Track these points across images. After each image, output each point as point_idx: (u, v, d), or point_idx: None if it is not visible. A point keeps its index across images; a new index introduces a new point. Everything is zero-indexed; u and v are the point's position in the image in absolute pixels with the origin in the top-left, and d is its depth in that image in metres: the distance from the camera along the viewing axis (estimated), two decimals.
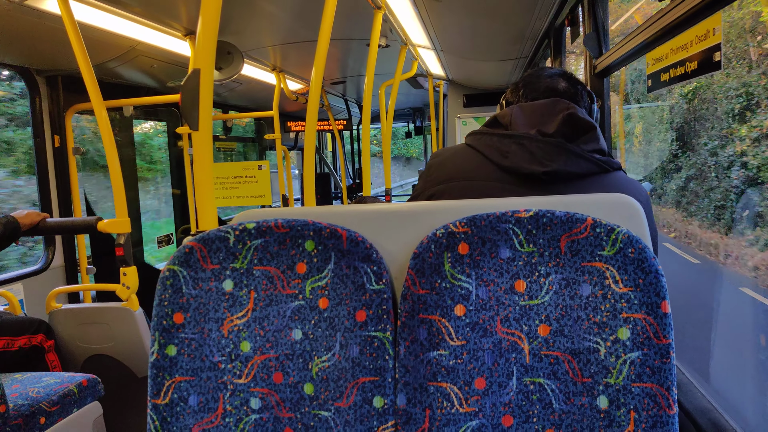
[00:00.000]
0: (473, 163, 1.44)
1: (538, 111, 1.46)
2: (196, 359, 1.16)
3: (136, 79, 4.43)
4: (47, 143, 3.77)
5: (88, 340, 3.04)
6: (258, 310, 1.17)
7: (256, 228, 1.16)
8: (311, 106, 2.33)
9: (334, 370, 1.13)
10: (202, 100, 1.69)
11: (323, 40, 2.24)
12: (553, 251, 1.07)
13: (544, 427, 1.06)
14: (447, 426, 1.07)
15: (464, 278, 1.09)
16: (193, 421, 1.15)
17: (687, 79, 1.75)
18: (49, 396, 2.29)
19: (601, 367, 1.04)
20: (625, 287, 1.03)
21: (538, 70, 1.61)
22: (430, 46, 4.78)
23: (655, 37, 1.89)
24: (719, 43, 1.54)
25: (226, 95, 5.79)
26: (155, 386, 1.15)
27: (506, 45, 4.80)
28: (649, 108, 9.00)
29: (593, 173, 1.36)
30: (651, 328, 1.02)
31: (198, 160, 1.75)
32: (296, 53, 4.49)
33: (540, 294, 1.08)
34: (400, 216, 1.21)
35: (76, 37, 2.61)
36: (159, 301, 1.16)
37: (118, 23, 3.14)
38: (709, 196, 6.61)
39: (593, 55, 2.80)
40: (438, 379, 1.08)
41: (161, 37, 3.53)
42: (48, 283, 3.67)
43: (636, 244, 1.03)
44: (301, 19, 3.56)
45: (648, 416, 1.01)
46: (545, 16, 3.75)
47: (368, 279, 1.13)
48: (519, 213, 1.08)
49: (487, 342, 1.08)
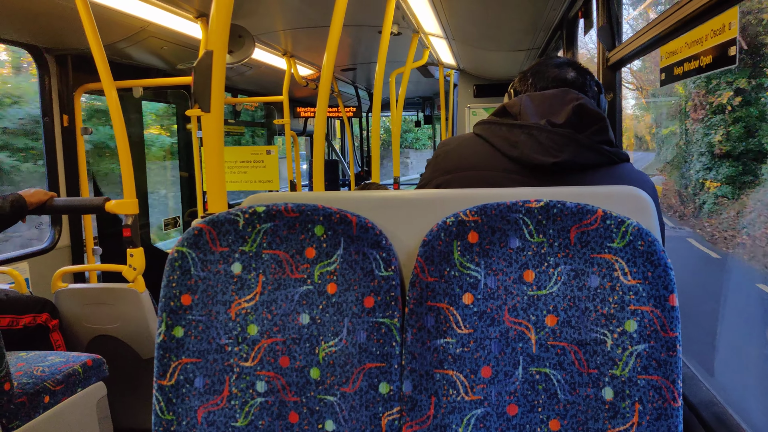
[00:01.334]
0: (481, 153, 1.43)
1: (548, 101, 1.44)
2: (202, 341, 1.16)
3: (145, 61, 4.42)
4: (56, 122, 3.77)
5: (94, 321, 3.05)
6: (266, 294, 1.17)
7: (265, 212, 1.16)
8: (322, 92, 2.32)
9: (340, 356, 1.13)
10: (214, 82, 1.69)
11: (336, 25, 2.23)
12: (563, 242, 1.07)
13: (548, 417, 1.06)
14: (452, 413, 1.07)
15: (473, 267, 1.09)
16: (199, 402, 1.15)
17: (701, 74, 1.74)
18: (54, 375, 2.29)
19: (607, 358, 1.04)
20: (634, 279, 1.03)
21: (546, 59, 1.60)
22: (441, 35, 4.76)
23: (670, 31, 1.88)
24: (735, 37, 1.53)
25: (236, 79, 5.78)
26: (161, 367, 1.15)
27: (518, 35, 4.78)
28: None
29: (602, 165, 1.36)
30: (658, 321, 1.01)
31: (208, 143, 1.75)
32: (307, 38, 4.48)
33: (548, 284, 1.08)
34: (410, 203, 1.21)
35: (87, 16, 2.61)
36: (167, 282, 1.16)
37: (129, 3, 3.14)
38: None
39: (606, 47, 2.79)
40: (444, 366, 1.08)
41: (172, 19, 3.52)
42: (54, 263, 3.68)
43: (645, 236, 1.02)
44: (314, 3, 3.55)
45: (652, 408, 1.01)
46: (559, 7, 3.73)
47: (377, 265, 1.13)
48: (530, 203, 1.08)
49: (494, 331, 1.08)
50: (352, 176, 7.42)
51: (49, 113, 3.75)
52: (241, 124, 6.98)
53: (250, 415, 1.15)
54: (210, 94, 1.69)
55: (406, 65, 4.28)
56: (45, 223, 4.13)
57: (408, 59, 4.24)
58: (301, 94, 7.73)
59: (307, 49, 4.96)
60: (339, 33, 2.25)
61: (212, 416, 1.15)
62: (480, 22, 4.35)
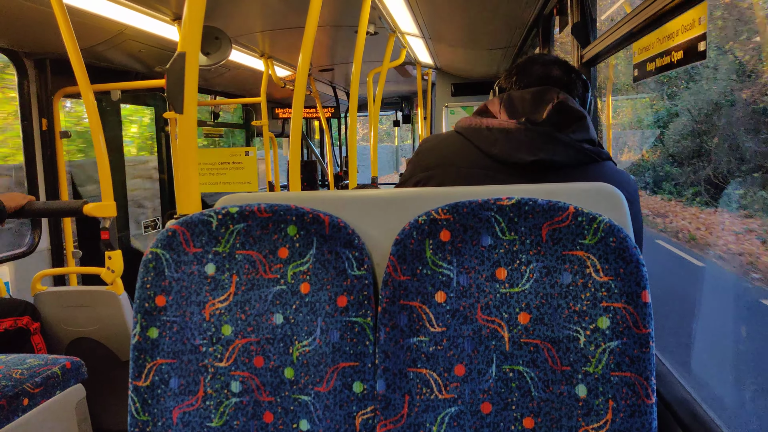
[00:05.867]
0: (462, 151, 1.43)
1: (528, 99, 1.45)
2: (177, 342, 1.16)
3: (124, 63, 4.41)
4: (35, 126, 3.75)
5: (73, 323, 3.03)
6: (240, 294, 1.17)
7: (239, 212, 1.17)
8: (298, 93, 2.33)
9: (314, 355, 1.14)
10: (187, 83, 1.69)
11: (311, 26, 2.24)
12: (535, 239, 1.07)
13: (522, 414, 1.06)
14: (426, 412, 1.08)
15: (445, 265, 1.10)
16: (174, 403, 1.15)
17: (672, 69, 1.77)
18: (33, 378, 2.28)
19: (580, 355, 1.04)
20: (606, 276, 1.03)
21: (533, 56, 1.60)
22: (418, 34, 4.78)
23: (642, 27, 1.90)
24: (704, 32, 1.56)
25: (214, 81, 5.76)
26: (137, 368, 1.16)
27: (495, 34, 4.80)
28: None
29: (582, 163, 1.36)
30: (631, 318, 1.02)
31: (182, 144, 1.75)
32: (285, 39, 4.48)
33: (521, 282, 1.08)
34: (383, 202, 1.21)
35: (64, 20, 2.60)
36: (141, 284, 1.17)
37: (106, 7, 3.13)
38: None
39: (581, 44, 2.82)
40: (418, 365, 1.09)
41: (150, 22, 3.51)
42: (34, 266, 3.66)
43: (618, 233, 1.03)
44: (291, 4, 3.55)
45: (626, 405, 1.01)
46: (534, 5, 3.76)
47: (350, 264, 1.13)
48: (501, 201, 1.08)
49: (467, 329, 1.09)
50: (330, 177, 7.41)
51: (27, 117, 3.72)
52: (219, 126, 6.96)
53: (225, 415, 1.15)
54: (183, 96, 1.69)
55: (383, 65, 4.28)
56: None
57: (385, 59, 4.24)
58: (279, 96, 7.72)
59: (284, 50, 4.96)
60: (314, 33, 2.26)
61: (187, 417, 1.15)
62: (456, 21, 4.37)
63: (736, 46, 11.40)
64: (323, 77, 7.01)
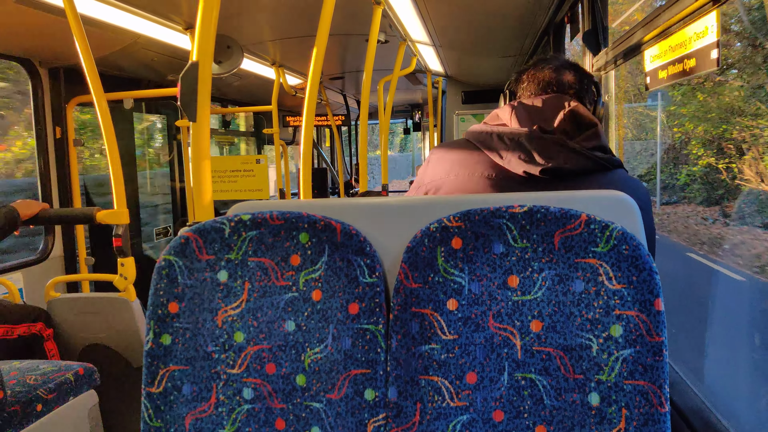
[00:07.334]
0: (472, 159, 1.43)
1: (540, 107, 1.44)
2: (190, 349, 1.16)
3: (137, 72, 4.44)
4: (48, 134, 3.79)
5: (86, 330, 3.05)
6: (252, 301, 1.17)
7: (251, 219, 1.17)
8: (309, 101, 2.34)
9: (326, 362, 1.14)
10: (200, 92, 1.70)
11: (322, 35, 2.25)
12: (547, 247, 1.07)
13: (534, 422, 1.06)
14: (438, 420, 1.07)
15: (457, 273, 1.10)
16: (187, 410, 1.15)
17: (685, 77, 1.76)
18: (46, 384, 2.30)
19: (593, 363, 1.04)
20: (619, 284, 1.03)
21: (544, 58, 1.59)
22: (429, 42, 4.79)
23: (654, 35, 1.90)
24: (717, 40, 1.55)
25: (226, 89, 5.79)
26: (149, 375, 1.16)
27: (506, 41, 4.81)
28: None
29: (593, 171, 1.34)
30: (644, 326, 1.01)
31: (195, 152, 1.76)
32: (296, 48, 4.50)
33: (533, 290, 1.07)
34: (395, 210, 1.21)
35: (78, 30, 2.63)
36: (154, 291, 1.17)
37: (120, 16, 3.16)
38: None
39: (592, 52, 2.82)
40: (429, 372, 1.09)
41: (162, 31, 3.55)
42: (47, 273, 3.69)
43: (630, 241, 1.02)
44: (302, 13, 3.57)
45: (639, 414, 1.01)
46: (545, 13, 3.76)
47: (361, 272, 1.13)
48: (513, 208, 1.08)
49: (479, 337, 1.09)
50: (341, 184, 7.42)
51: (41, 125, 3.76)
52: (230, 134, 6.98)
53: (237, 422, 1.15)
54: (196, 104, 1.71)
55: (394, 73, 4.29)
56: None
57: (395, 67, 4.25)
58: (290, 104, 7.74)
59: (295, 59, 4.98)
60: (325, 42, 2.27)
61: (200, 423, 1.15)
62: (467, 29, 4.38)
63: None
64: (334, 85, 7.02)
